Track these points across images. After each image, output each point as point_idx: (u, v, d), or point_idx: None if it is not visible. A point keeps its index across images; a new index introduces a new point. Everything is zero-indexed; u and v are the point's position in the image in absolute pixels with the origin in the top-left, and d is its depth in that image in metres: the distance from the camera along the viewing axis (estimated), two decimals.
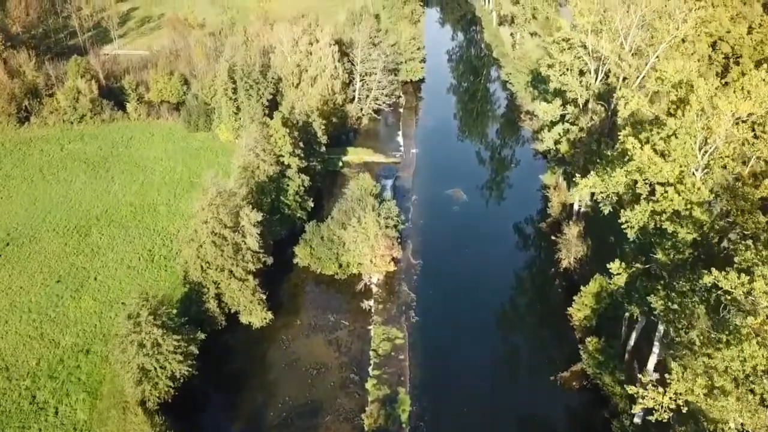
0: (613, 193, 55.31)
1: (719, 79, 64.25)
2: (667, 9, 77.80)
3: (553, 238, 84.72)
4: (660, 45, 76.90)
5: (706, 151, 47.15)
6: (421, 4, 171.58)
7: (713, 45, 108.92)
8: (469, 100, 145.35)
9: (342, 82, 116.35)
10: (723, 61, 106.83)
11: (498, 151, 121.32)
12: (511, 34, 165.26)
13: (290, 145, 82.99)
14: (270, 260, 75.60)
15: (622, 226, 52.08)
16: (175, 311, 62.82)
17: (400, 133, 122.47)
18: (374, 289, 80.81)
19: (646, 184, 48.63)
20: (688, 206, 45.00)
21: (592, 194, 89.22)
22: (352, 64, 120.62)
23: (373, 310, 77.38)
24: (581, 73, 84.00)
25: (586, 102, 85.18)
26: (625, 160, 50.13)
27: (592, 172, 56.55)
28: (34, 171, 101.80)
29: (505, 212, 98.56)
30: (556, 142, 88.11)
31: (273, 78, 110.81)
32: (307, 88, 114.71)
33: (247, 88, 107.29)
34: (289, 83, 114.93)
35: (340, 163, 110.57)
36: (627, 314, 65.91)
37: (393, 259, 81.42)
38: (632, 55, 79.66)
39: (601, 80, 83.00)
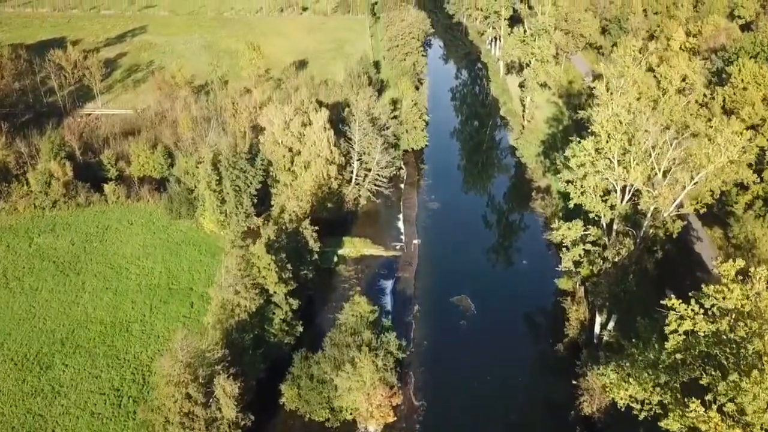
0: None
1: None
2: (706, 131, 68.13)
3: (573, 381, 74.83)
4: (698, 173, 67.23)
5: None
6: (423, 54, 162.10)
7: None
8: (474, 172, 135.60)
9: (338, 165, 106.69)
10: (757, 153, 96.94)
11: (507, 240, 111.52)
12: (520, 86, 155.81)
13: (276, 273, 73.32)
14: (251, 419, 65.91)
15: None
16: None
17: (400, 216, 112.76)
18: None
19: None
20: None
21: (616, 324, 79.80)
22: (349, 141, 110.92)
23: None
24: (606, 191, 74.37)
25: (611, 221, 75.61)
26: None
27: (630, 379, 46.79)
28: None
29: (517, 327, 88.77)
30: (576, 263, 78.45)
31: (262, 164, 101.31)
32: (300, 171, 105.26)
33: (233, 179, 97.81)
34: (280, 166, 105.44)
35: (336, 258, 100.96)
36: None
37: (393, 407, 71.69)
38: (664, 175, 69.99)
39: (628, 201, 73.37)
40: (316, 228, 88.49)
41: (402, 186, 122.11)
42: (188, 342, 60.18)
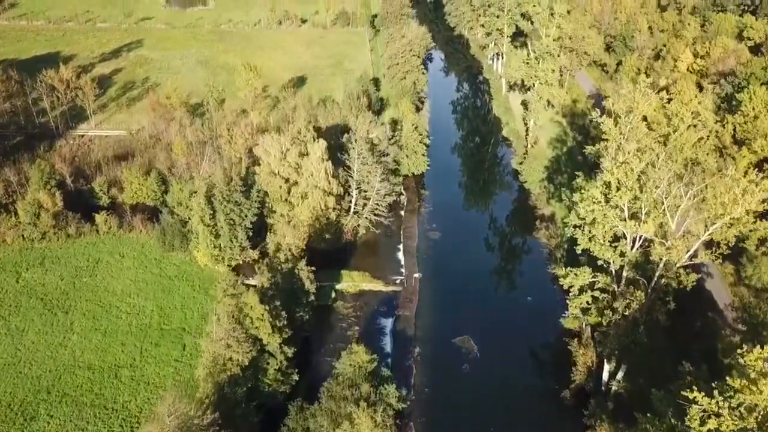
0: None
1: None
2: (723, 179, 64.75)
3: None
4: (713, 223, 63.96)
5: None
6: (424, 72, 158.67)
7: (759, 165, 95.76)
8: (475, 197, 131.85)
9: (337, 195, 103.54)
10: None
11: (510, 272, 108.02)
12: (522, 104, 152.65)
13: (270, 324, 70.04)
14: None
15: None
16: None
17: (400, 247, 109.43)
18: None
19: None
20: None
21: (626, 374, 76.61)
22: (348, 169, 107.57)
23: None
24: (615, 237, 71.06)
25: (621, 267, 72.34)
26: None
27: None
28: None
29: (521, 371, 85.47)
30: (584, 310, 75.23)
31: (258, 196, 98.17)
32: (297, 202, 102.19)
33: (228, 212, 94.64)
34: (277, 197, 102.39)
35: (333, 294, 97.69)
36: None
37: None
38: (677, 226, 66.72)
39: (638, 248, 70.05)
40: (313, 269, 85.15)
41: (402, 213, 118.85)
42: (176, 408, 56.92)
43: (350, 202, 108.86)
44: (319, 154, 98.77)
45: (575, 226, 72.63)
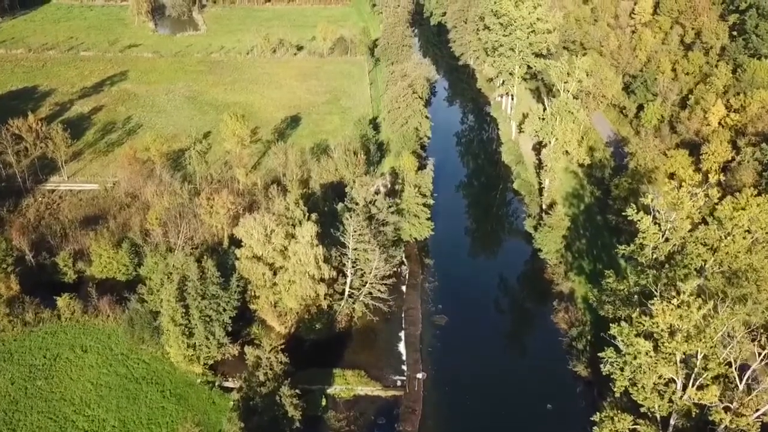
0: None
1: None
2: None
3: None
4: None
5: None
6: (427, 116, 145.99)
7: None
8: (484, 270, 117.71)
9: (330, 279, 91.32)
10: None
11: (526, 370, 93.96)
12: (534, 149, 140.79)
13: None
14: None
15: None
16: None
17: (402, 335, 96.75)
18: None
19: None
20: None
21: None
22: (343, 247, 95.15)
23: None
24: (660, 378, 58.60)
25: (669, 414, 59.91)
26: None
27: None
28: None
29: None
30: None
31: (238, 286, 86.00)
32: (284, 288, 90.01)
33: (203, 308, 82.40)
34: (261, 284, 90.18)
35: (324, 400, 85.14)
36: None
37: None
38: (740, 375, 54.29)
39: (689, 395, 57.59)
40: (298, 392, 72.75)
41: (403, 288, 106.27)
42: None
43: (344, 284, 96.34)
44: (308, 238, 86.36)
45: (612, 363, 60.11)
